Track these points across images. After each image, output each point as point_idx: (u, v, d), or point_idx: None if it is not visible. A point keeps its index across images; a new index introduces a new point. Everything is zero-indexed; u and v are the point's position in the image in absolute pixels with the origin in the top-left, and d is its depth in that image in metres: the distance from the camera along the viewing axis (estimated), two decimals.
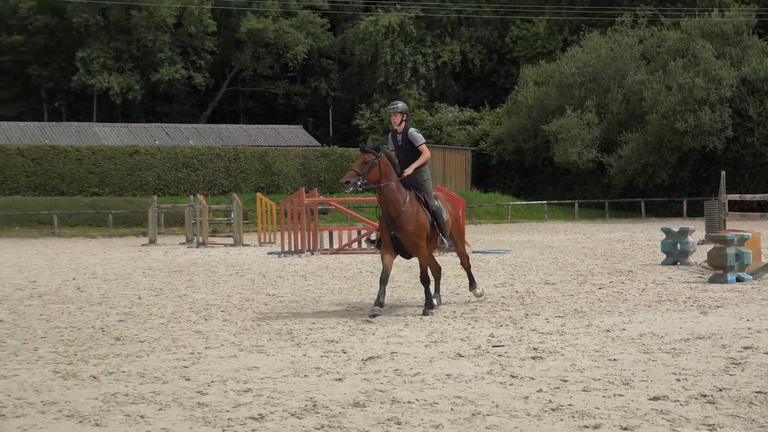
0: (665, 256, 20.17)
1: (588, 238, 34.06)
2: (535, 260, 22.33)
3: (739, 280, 15.84)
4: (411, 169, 12.50)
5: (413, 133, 12.70)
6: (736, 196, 22.44)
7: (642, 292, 14.65)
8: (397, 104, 12.84)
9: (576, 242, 30.80)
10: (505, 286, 15.95)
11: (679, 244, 19.87)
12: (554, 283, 16.31)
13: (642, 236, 33.76)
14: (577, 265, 20.61)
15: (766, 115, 55.67)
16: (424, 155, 12.62)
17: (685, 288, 15.13)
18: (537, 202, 59.71)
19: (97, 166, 52.40)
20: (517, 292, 15.01)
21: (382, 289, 12.29)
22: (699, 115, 54.23)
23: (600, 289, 15.23)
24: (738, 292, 14.40)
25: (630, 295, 14.24)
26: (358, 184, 12.12)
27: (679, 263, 19.73)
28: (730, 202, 24.70)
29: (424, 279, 12.59)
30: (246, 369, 8.58)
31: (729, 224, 22.52)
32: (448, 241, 12.87)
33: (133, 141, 58.53)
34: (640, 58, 60.39)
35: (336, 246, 27.31)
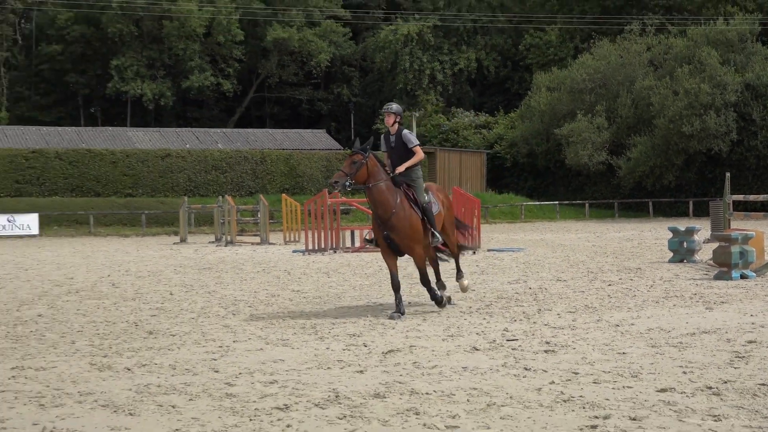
0: (672, 254, 20.10)
1: (598, 237, 33.95)
2: (547, 258, 22.28)
3: (743, 277, 15.77)
4: (403, 168, 11.99)
5: (407, 134, 12.20)
6: (740, 197, 22.34)
7: (650, 288, 14.60)
8: (391, 105, 12.25)
9: (587, 241, 30.70)
10: (519, 283, 15.92)
11: (686, 243, 19.81)
12: (566, 280, 16.27)
13: (650, 235, 33.63)
14: (587, 262, 20.55)
15: None
16: (418, 156, 12.11)
17: (692, 285, 15.07)
18: (549, 203, 59.61)
19: (131, 169, 52.59)
20: (530, 288, 14.98)
21: (398, 297, 11.89)
22: (704, 119, 54.03)
23: (610, 285, 15.18)
24: (742, 288, 14.33)
25: (638, 291, 14.19)
26: (347, 185, 11.66)
27: (686, 261, 19.66)
28: (735, 202, 24.57)
29: (424, 281, 12.24)
30: (272, 361, 8.59)
31: (733, 223, 22.43)
32: (440, 236, 12.26)
33: (165, 145, 58.67)
34: (648, 65, 60.20)
35: (357, 245, 27.33)
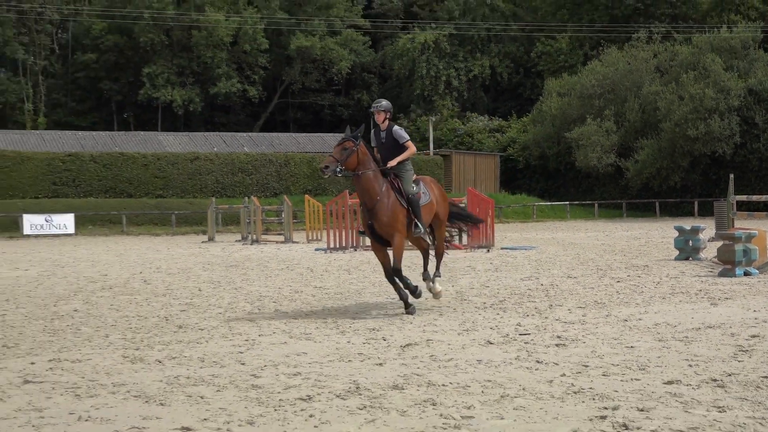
0: (678, 252, 20.01)
1: (607, 235, 33.84)
2: (558, 256, 22.21)
3: (747, 274, 15.68)
4: (395, 162, 11.57)
5: (397, 130, 11.75)
6: (744, 197, 22.18)
7: (657, 285, 14.53)
8: (381, 102, 11.78)
9: (596, 239, 30.60)
10: (531, 280, 15.87)
11: (691, 241, 19.71)
12: (576, 277, 16.21)
13: (657, 234, 33.50)
14: (597, 260, 20.47)
15: None
16: (410, 150, 11.68)
17: (697, 281, 14.99)
18: (560, 203, 59.52)
19: (162, 171, 52.80)
20: (542, 285, 14.93)
21: (396, 286, 11.43)
22: (709, 123, 53.88)
23: (618, 282, 15.12)
24: (746, 285, 14.24)
25: (646, 287, 14.12)
26: (337, 170, 11.16)
27: (691, 258, 19.56)
28: (738, 202, 24.44)
29: (396, 271, 11.37)
30: (295, 354, 8.58)
31: (737, 223, 22.29)
32: (423, 227, 11.60)
33: (194, 148, 58.88)
34: (655, 71, 60.08)
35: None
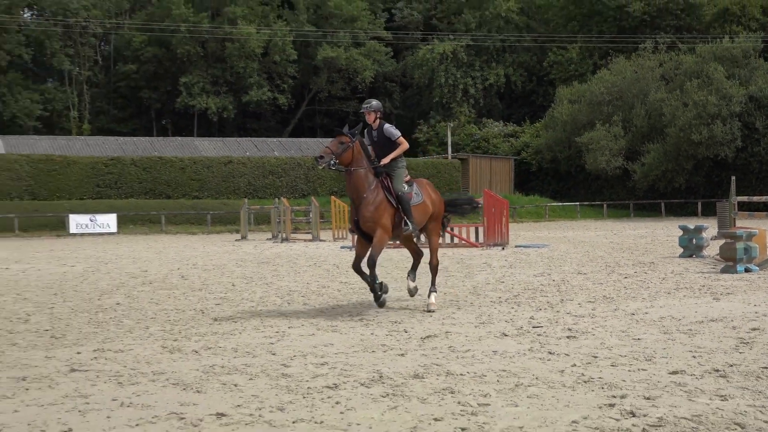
0: (682, 250, 19.91)
1: (615, 234, 33.69)
2: (569, 253, 22.14)
3: (747, 271, 15.59)
4: (389, 159, 11.09)
5: (389, 128, 11.28)
6: (745, 198, 22.04)
7: (662, 280, 14.46)
8: (371, 103, 11.31)
9: (605, 238, 30.48)
10: (544, 276, 15.83)
11: (695, 240, 19.62)
12: (586, 273, 16.16)
13: (662, 233, 33.32)
14: (605, 257, 20.40)
15: None
16: (403, 146, 11.20)
17: (700, 277, 14.91)
18: (571, 204, 59.33)
19: (198, 174, 53.02)
20: (553, 280, 14.89)
21: (362, 276, 10.93)
22: (712, 128, 53.61)
23: (626, 278, 15.06)
24: (746, 281, 14.16)
25: (652, 283, 14.06)
26: (331, 163, 10.72)
27: (695, 256, 19.46)
28: (740, 203, 24.28)
29: (371, 263, 10.72)
30: (323, 345, 8.59)
31: (738, 222, 22.19)
32: (413, 225, 11.13)
33: (227, 152, 59.07)
34: (660, 79, 59.81)
35: (398, 241, 27.23)
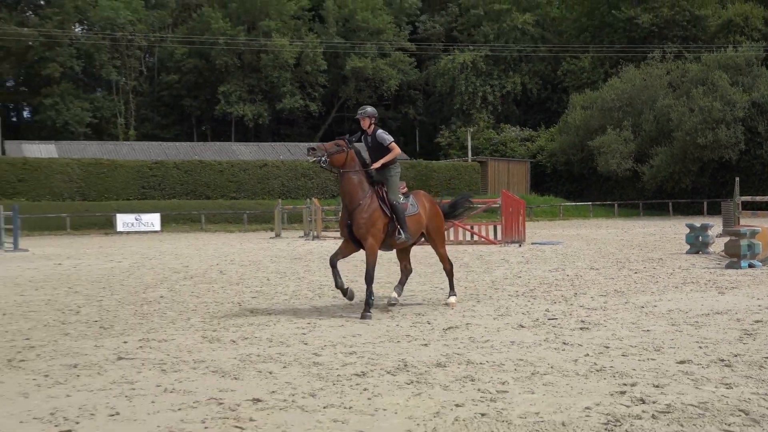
0: (689, 247, 19.79)
1: (625, 232, 33.51)
2: (582, 250, 22.05)
3: (751, 266, 15.48)
4: (379, 164, 10.64)
5: (381, 134, 10.78)
6: (748, 198, 21.87)
7: (670, 275, 14.37)
8: (366, 109, 10.82)
9: (616, 236, 30.32)
10: (558, 271, 15.77)
11: (701, 237, 19.49)
12: (598, 269, 16.08)
13: (670, 231, 33.10)
14: (616, 254, 20.29)
15: None
16: (394, 152, 10.70)
17: (706, 272, 14.80)
18: (584, 203, 59.08)
19: (235, 176, 53.27)
20: (567, 275, 14.84)
21: (334, 272, 10.42)
22: (717, 132, 53.25)
23: (635, 273, 14.98)
24: (750, 276, 14.04)
25: (660, 278, 13.97)
26: (322, 159, 10.24)
27: (701, 252, 19.33)
28: (743, 202, 24.08)
29: (368, 278, 10.35)
30: (351, 336, 8.61)
31: (742, 221, 22.00)
32: (406, 235, 10.71)
33: (263, 156, 59.31)
34: (668, 87, 59.45)
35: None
